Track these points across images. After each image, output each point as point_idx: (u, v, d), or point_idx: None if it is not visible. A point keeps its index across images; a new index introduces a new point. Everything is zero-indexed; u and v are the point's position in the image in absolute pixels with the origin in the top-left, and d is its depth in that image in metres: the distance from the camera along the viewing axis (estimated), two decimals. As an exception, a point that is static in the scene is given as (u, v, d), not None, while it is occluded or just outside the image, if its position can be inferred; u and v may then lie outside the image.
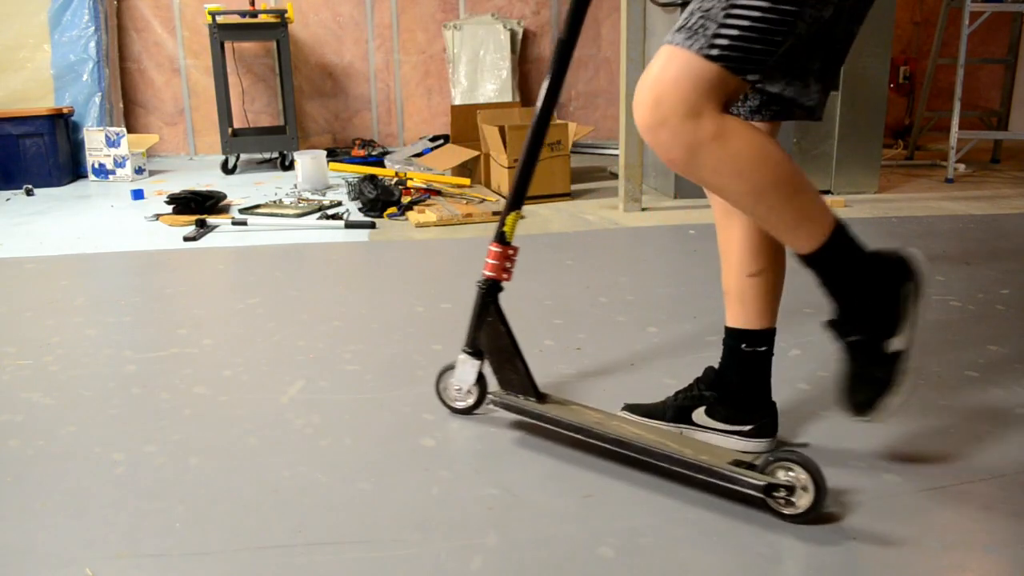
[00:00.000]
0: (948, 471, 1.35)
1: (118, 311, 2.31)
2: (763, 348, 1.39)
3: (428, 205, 3.66)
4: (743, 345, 1.38)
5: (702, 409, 1.43)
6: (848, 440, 1.46)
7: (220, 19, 4.82)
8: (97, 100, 5.04)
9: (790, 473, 1.19)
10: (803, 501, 1.19)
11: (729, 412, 1.42)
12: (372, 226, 3.37)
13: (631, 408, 1.50)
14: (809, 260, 1.16)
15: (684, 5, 1.26)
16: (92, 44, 5.01)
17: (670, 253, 2.88)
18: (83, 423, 1.60)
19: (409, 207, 3.61)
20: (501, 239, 1.49)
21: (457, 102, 5.70)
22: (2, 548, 1.19)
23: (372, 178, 3.75)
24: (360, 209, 3.68)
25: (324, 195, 4.15)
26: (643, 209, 3.64)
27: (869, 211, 3.53)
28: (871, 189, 3.97)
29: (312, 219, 3.50)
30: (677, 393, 1.47)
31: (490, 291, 1.51)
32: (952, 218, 3.37)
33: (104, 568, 1.14)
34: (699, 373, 1.49)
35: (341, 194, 4.16)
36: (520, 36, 5.87)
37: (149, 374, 1.84)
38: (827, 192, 3.90)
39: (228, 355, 1.95)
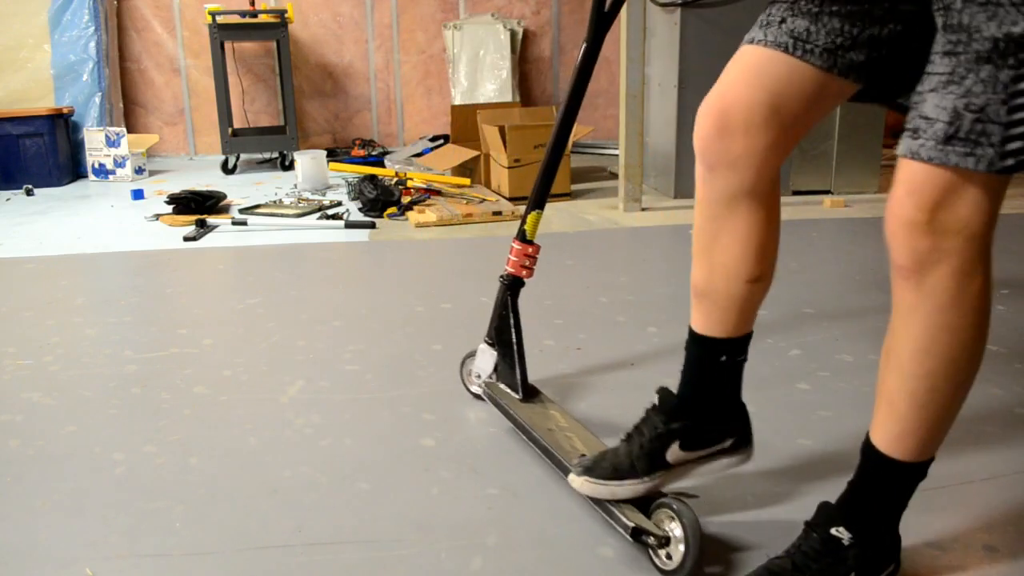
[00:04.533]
0: (948, 471, 1.35)
1: (118, 311, 2.31)
2: (742, 357, 1.18)
3: (428, 205, 3.66)
4: (723, 357, 1.16)
5: (676, 445, 1.17)
6: (848, 440, 1.46)
7: (220, 19, 4.82)
8: (97, 100, 5.04)
9: (671, 523, 1.10)
10: (676, 554, 1.09)
11: (707, 434, 1.18)
12: (372, 226, 3.37)
13: (588, 470, 1.18)
14: (904, 466, 1.01)
15: (685, 4, 1.24)
16: (92, 44, 5.01)
17: (670, 253, 2.88)
18: (83, 423, 1.60)
19: (409, 207, 3.61)
20: None
21: (457, 102, 5.69)
22: (2, 548, 1.19)
23: (372, 178, 3.75)
24: (360, 209, 3.68)
25: (324, 195, 4.15)
26: (643, 209, 3.64)
27: (869, 211, 3.53)
28: (871, 189, 3.96)
29: (312, 219, 3.50)
30: (632, 436, 1.19)
31: None
32: (952, 218, 3.36)
33: (104, 568, 1.14)
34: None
35: (341, 194, 4.16)
36: (520, 36, 5.87)
37: (149, 374, 1.84)
38: (827, 192, 3.90)
39: (228, 355, 1.95)
